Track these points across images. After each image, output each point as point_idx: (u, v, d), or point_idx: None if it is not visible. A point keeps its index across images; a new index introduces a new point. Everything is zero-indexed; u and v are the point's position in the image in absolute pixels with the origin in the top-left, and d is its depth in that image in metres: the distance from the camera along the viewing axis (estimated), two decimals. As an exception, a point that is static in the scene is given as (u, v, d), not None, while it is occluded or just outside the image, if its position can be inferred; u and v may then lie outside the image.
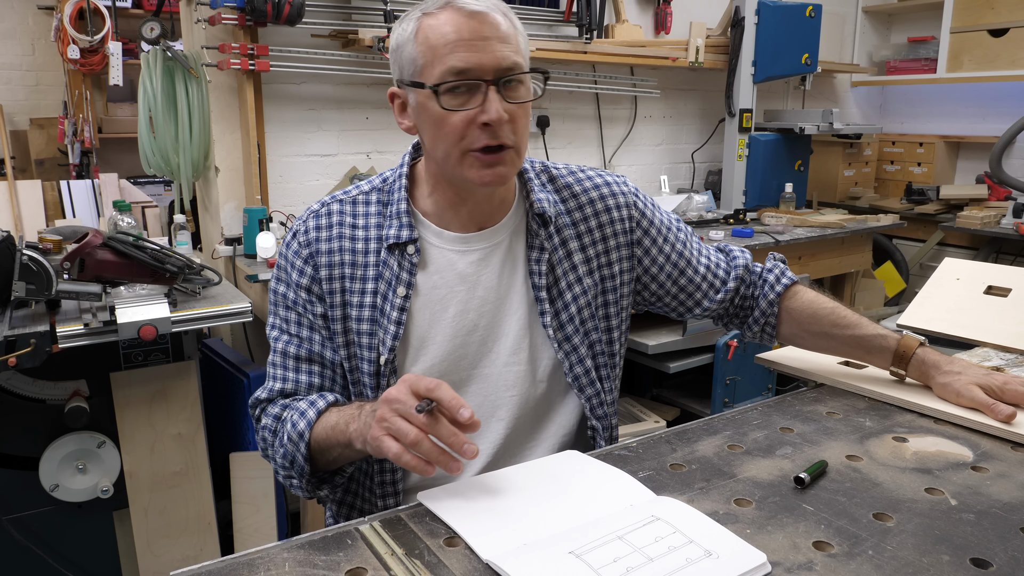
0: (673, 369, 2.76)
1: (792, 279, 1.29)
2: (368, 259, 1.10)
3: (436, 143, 1.04)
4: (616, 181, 1.22)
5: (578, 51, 3.17)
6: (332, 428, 1.01)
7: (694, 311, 1.29)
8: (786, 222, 3.37)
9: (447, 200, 1.11)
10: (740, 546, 0.77)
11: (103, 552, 2.07)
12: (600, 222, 1.19)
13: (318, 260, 1.10)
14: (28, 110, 4.61)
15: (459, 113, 1.00)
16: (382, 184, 1.15)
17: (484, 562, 0.76)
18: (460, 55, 0.98)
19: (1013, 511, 0.86)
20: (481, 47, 0.99)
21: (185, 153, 2.56)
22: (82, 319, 1.81)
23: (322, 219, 1.12)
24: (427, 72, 1.01)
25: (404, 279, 1.09)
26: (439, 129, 1.02)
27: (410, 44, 1.02)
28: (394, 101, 1.10)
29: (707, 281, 1.27)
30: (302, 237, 1.11)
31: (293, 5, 2.43)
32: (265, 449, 1.13)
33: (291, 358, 1.11)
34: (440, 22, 1.00)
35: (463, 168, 1.03)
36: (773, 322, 1.29)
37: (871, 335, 1.21)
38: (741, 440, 1.05)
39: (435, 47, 1.00)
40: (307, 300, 1.10)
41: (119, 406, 1.98)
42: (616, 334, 1.21)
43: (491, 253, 1.13)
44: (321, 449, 1.03)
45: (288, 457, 1.05)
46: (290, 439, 1.04)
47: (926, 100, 4.55)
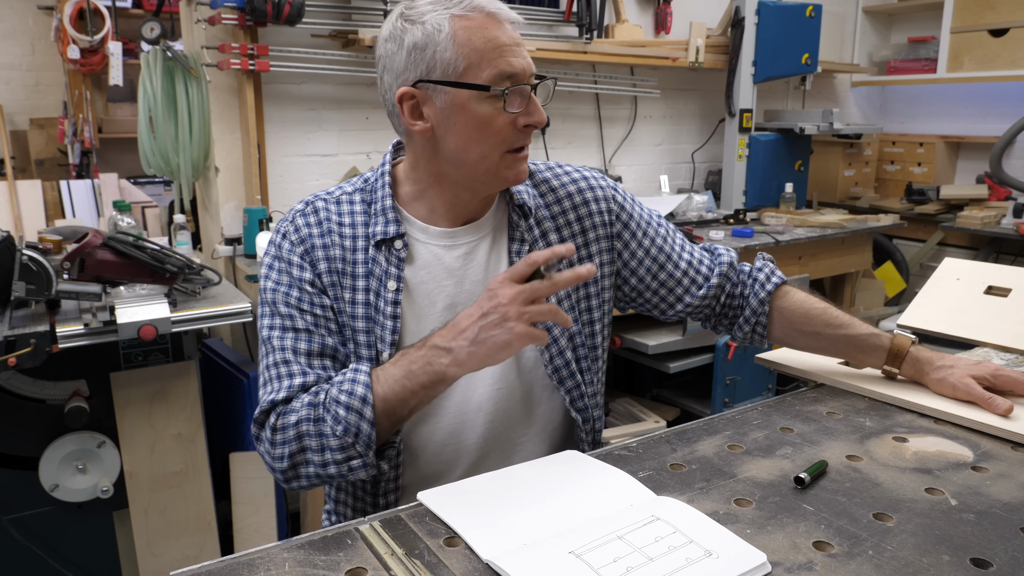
0: (673, 369, 2.76)
1: (782, 278, 1.29)
2: (357, 256, 1.10)
3: (471, 145, 1.04)
4: (594, 176, 1.24)
5: (578, 51, 3.18)
6: (404, 377, 0.98)
7: (676, 307, 1.28)
8: (786, 222, 3.37)
9: (441, 199, 1.12)
10: (740, 546, 0.77)
11: (103, 552, 2.07)
12: (579, 215, 1.20)
13: (315, 255, 1.09)
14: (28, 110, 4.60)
15: (506, 115, 1.03)
16: (364, 185, 1.15)
17: (484, 562, 0.76)
18: (508, 60, 1.02)
19: (1013, 511, 0.86)
20: (518, 52, 1.04)
21: (185, 153, 2.56)
22: (82, 319, 1.82)
23: (310, 217, 1.11)
24: (473, 73, 1.01)
25: (393, 273, 1.09)
26: (481, 131, 1.03)
27: (446, 45, 1.00)
28: (406, 102, 1.04)
29: (688, 276, 1.26)
30: (294, 236, 1.10)
31: (293, 5, 2.43)
32: (300, 446, 1.00)
33: (302, 355, 1.06)
34: (478, 24, 1.01)
35: (500, 168, 1.06)
36: (764, 321, 1.28)
37: (864, 334, 1.22)
38: (741, 440, 1.05)
39: (480, 50, 1.01)
40: (313, 294, 1.08)
41: (119, 406, 1.98)
42: (598, 327, 1.22)
43: (476, 247, 1.14)
44: (390, 408, 0.99)
45: (351, 431, 0.98)
46: (350, 409, 0.98)
47: (926, 100, 4.55)
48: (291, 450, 1.01)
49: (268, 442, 1.03)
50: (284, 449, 1.01)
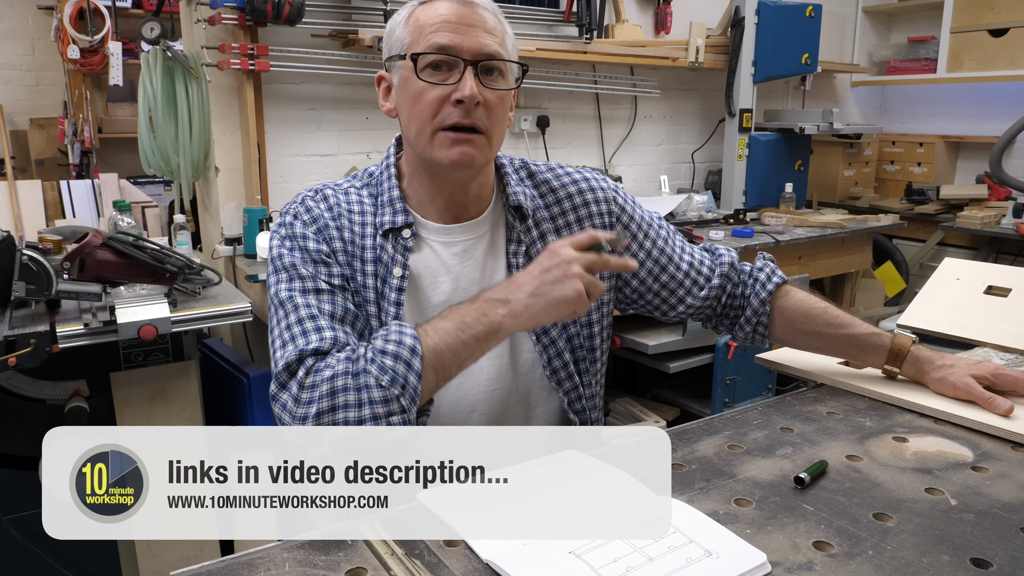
0: (673, 369, 2.76)
1: (783, 278, 1.29)
2: (366, 242, 1.10)
3: (411, 120, 1.07)
4: (595, 177, 1.24)
5: (578, 51, 3.17)
6: (458, 329, 0.96)
7: (677, 308, 1.27)
8: (786, 222, 3.37)
9: (424, 188, 1.13)
10: (740, 546, 0.77)
11: (103, 552, 2.07)
12: (579, 216, 1.20)
13: (328, 234, 1.09)
14: (28, 110, 4.60)
15: (435, 89, 1.03)
16: (368, 179, 1.16)
17: (484, 562, 0.76)
18: (444, 33, 1.03)
19: (1013, 511, 0.86)
20: (465, 31, 1.04)
21: (185, 153, 2.56)
22: (82, 319, 1.81)
23: (320, 202, 1.11)
24: (411, 48, 1.05)
25: (399, 261, 1.10)
26: (414, 105, 1.05)
27: (400, 27, 1.08)
28: (380, 84, 1.14)
29: (690, 278, 1.26)
30: (305, 216, 1.09)
31: (293, 5, 2.43)
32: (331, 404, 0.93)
33: (327, 315, 1.02)
34: (432, 7, 1.06)
35: (433, 147, 1.05)
36: (765, 321, 1.28)
37: (865, 333, 1.22)
38: (741, 440, 1.05)
39: (423, 26, 1.05)
40: (332, 264, 1.07)
41: (119, 406, 1.98)
42: (597, 329, 1.21)
43: (473, 246, 1.14)
44: (441, 361, 0.96)
45: (398, 382, 0.93)
46: (398, 358, 0.94)
47: (926, 100, 4.55)
48: (320, 408, 0.93)
49: (293, 399, 0.94)
50: (311, 408, 0.93)
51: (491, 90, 1.04)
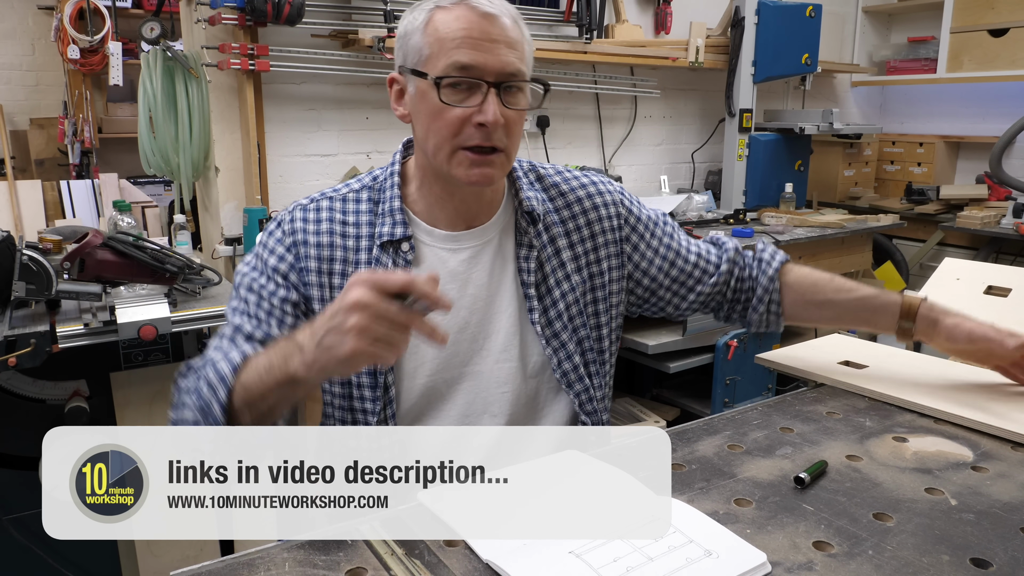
0: (673, 369, 2.76)
1: (786, 257, 1.32)
2: (360, 256, 1.09)
3: (429, 135, 1.05)
4: (602, 181, 1.24)
5: (578, 51, 3.17)
6: (265, 371, 0.92)
7: (688, 299, 1.29)
8: (786, 222, 3.37)
9: (435, 195, 1.12)
10: (740, 546, 0.77)
11: (103, 552, 2.07)
12: (588, 220, 1.20)
13: (301, 251, 1.08)
14: (28, 110, 4.60)
15: (456, 109, 1.01)
16: (372, 183, 1.15)
17: (484, 562, 0.76)
18: (466, 51, 1.00)
19: (1013, 511, 0.86)
20: (488, 48, 1.00)
21: (185, 153, 2.56)
22: (82, 319, 1.81)
23: (310, 213, 1.11)
24: (431, 63, 1.02)
25: None
26: (434, 121, 1.03)
27: (418, 33, 1.04)
28: (393, 86, 1.10)
29: (699, 268, 1.29)
30: (287, 226, 1.10)
31: (293, 5, 2.43)
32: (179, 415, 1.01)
33: (242, 335, 1.06)
34: (452, 16, 1.02)
35: (451, 164, 1.04)
36: (777, 298, 1.30)
37: (874, 294, 1.26)
38: (741, 440, 1.05)
39: (443, 40, 1.01)
40: (279, 286, 1.08)
41: (119, 406, 1.98)
42: (606, 331, 1.22)
43: (481, 251, 1.14)
44: (251, 400, 0.94)
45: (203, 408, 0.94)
46: (208, 383, 0.94)
47: (926, 100, 4.55)
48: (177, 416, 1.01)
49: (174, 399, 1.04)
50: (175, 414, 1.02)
51: (512, 110, 1.03)
